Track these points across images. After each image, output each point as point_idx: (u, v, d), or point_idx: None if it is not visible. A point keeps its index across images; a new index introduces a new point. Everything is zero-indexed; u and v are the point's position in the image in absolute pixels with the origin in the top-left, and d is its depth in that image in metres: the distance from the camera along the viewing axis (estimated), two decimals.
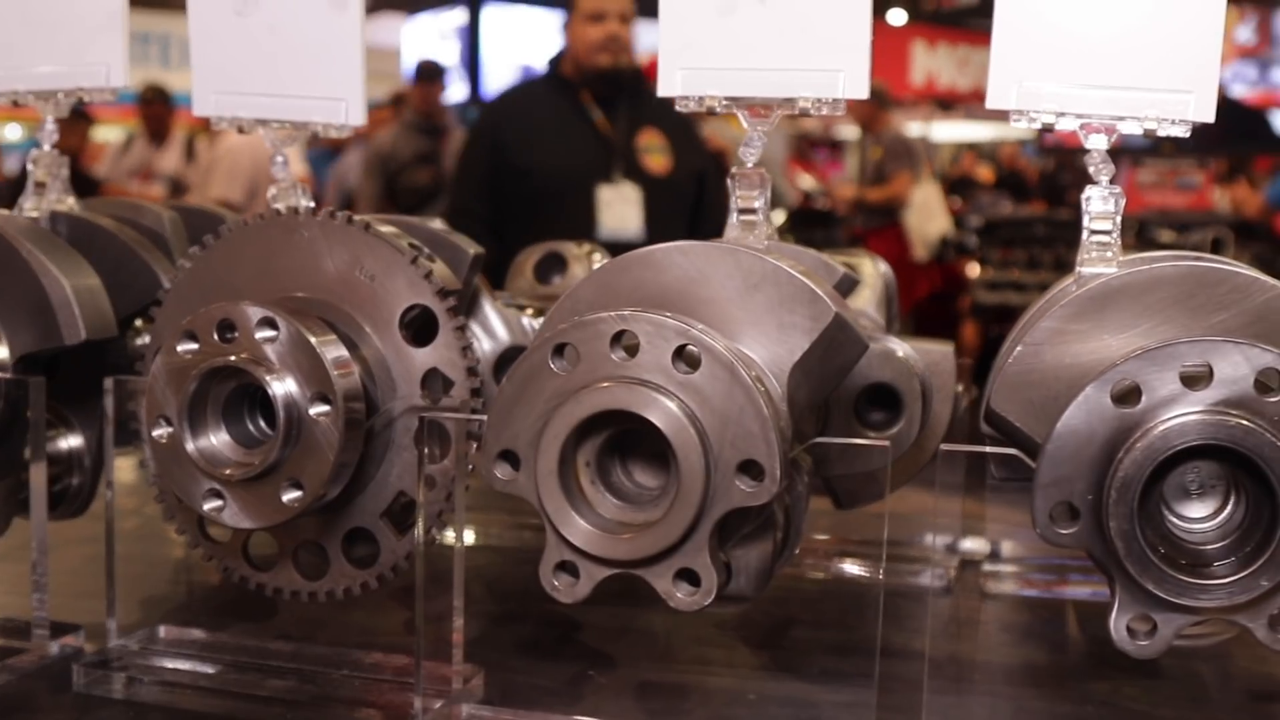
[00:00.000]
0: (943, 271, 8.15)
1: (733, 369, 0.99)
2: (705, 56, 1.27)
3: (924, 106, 15.30)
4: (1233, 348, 0.94)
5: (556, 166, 4.42)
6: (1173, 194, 7.01)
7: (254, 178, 7.01)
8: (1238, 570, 0.95)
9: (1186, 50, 1.19)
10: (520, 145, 4.44)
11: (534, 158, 4.41)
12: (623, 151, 4.47)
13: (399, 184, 7.26)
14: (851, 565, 1.64)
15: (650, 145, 4.55)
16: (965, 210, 9.04)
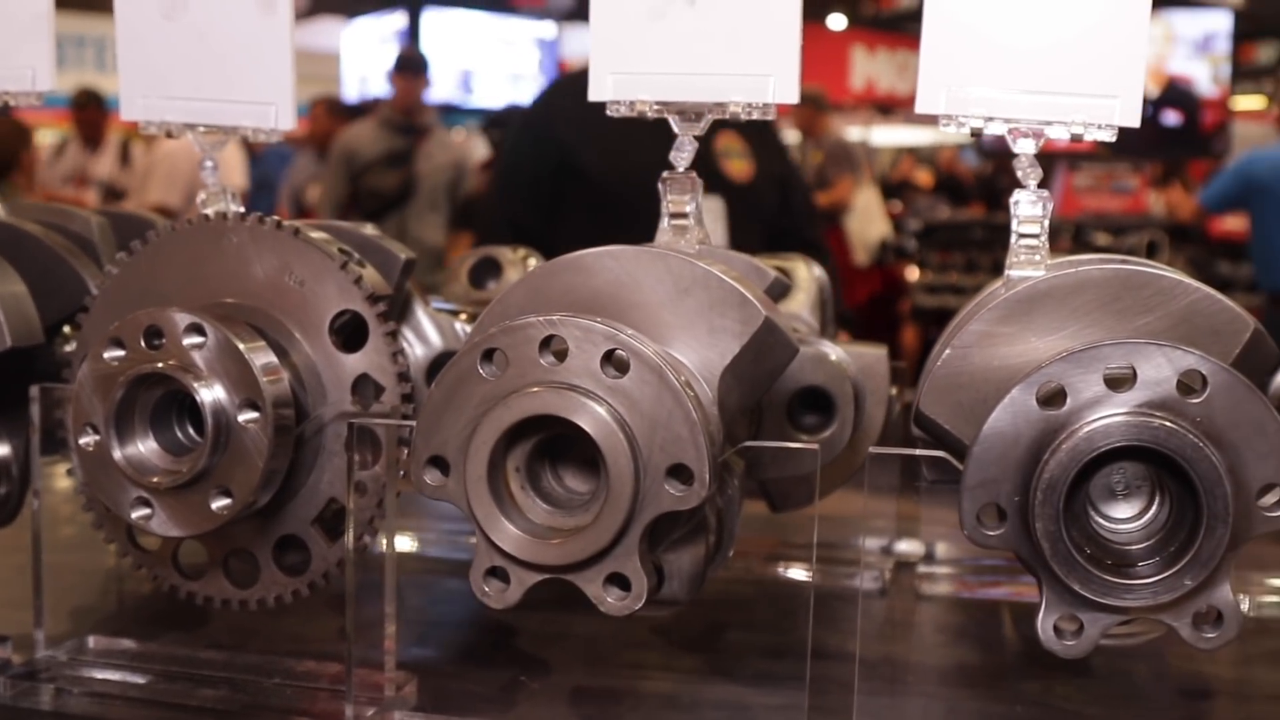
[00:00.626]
0: (882, 275, 8.20)
1: (661, 373, 0.99)
2: (636, 61, 1.27)
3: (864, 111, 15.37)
4: (1155, 350, 0.95)
5: (625, 173, 3.52)
6: (1109, 198, 7.07)
7: (192, 182, 6.83)
8: (1162, 570, 0.96)
9: (1112, 55, 1.20)
10: (581, 147, 3.73)
11: (599, 162, 3.71)
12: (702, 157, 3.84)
13: (363, 186, 6.77)
14: (786, 568, 1.64)
15: (730, 149, 3.93)
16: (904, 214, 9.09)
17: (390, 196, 6.71)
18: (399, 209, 6.71)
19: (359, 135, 6.95)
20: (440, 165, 6.88)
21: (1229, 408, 0.95)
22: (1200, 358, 0.95)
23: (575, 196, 3.74)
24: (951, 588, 1.64)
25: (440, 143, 7.18)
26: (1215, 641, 0.98)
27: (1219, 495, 0.93)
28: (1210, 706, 1.33)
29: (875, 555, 1.70)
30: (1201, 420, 0.94)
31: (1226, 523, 0.93)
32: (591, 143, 3.69)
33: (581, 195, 3.72)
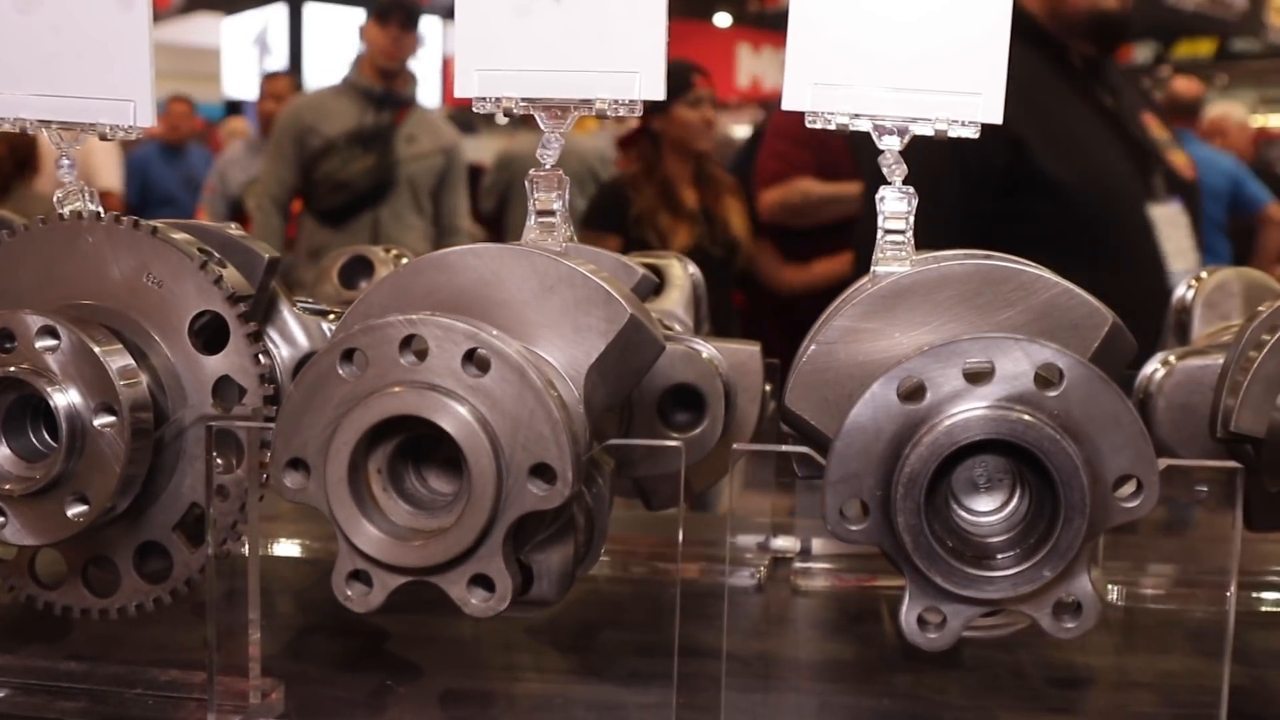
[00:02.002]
0: None
1: (523, 372, 0.98)
2: (501, 58, 1.26)
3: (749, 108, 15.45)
4: (1013, 344, 0.96)
5: (1093, 177, 2.93)
6: None
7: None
8: (1021, 561, 0.97)
9: (974, 52, 1.21)
10: (1045, 146, 2.88)
11: (1062, 166, 2.90)
12: (1154, 149, 3.07)
13: (320, 174, 5.19)
14: (660, 566, 1.64)
15: (1166, 138, 3.20)
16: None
17: (359, 191, 5.24)
18: (371, 206, 5.26)
19: (316, 106, 5.42)
20: (425, 151, 5.38)
21: (1085, 401, 0.96)
22: (1056, 351, 0.96)
23: (1030, 202, 2.91)
24: (828, 582, 1.64)
25: (424, 123, 5.49)
26: (1075, 631, 0.99)
27: (1076, 487, 0.94)
28: (1079, 695, 1.35)
29: (752, 551, 1.71)
30: (1058, 413, 0.96)
31: (1084, 514, 0.94)
32: (1055, 146, 2.89)
33: (1038, 202, 2.90)
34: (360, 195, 5.23)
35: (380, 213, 5.27)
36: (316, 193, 5.25)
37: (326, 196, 5.22)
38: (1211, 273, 1.74)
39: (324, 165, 5.21)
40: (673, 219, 4.62)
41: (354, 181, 5.22)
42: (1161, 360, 1.53)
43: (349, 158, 5.21)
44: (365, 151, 5.25)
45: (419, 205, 5.40)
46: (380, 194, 5.24)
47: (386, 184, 5.24)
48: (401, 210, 5.32)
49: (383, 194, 5.24)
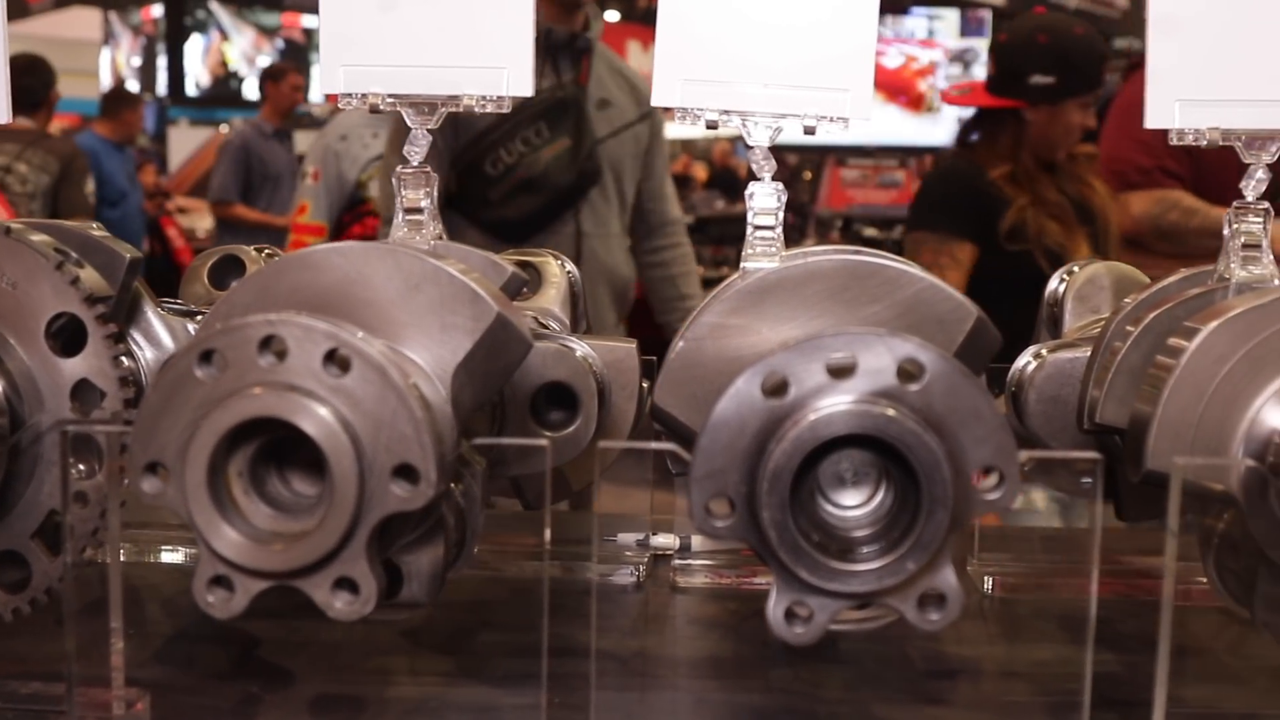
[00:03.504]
0: None
1: (385, 372, 0.96)
2: (367, 53, 1.24)
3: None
4: (875, 339, 0.96)
5: None
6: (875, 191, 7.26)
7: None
8: (885, 554, 0.97)
9: (842, 49, 1.22)
10: None
11: None
12: None
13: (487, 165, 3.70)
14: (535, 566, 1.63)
15: None
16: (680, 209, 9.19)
17: (555, 188, 3.74)
18: (569, 209, 3.82)
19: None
20: (626, 120, 3.93)
21: (947, 394, 0.96)
22: (918, 346, 0.96)
23: None
24: (708, 579, 1.64)
25: (615, 76, 4.00)
26: (939, 623, 1.00)
27: (938, 480, 0.95)
28: (953, 686, 1.36)
29: (631, 549, 1.70)
30: (921, 407, 0.96)
31: (946, 506, 0.95)
32: None
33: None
34: (558, 196, 3.76)
35: (581, 216, 3.83)
36: (483, 196, 3.72)
37: (504, 203, 3.70)
38: (1083, 266, 1.76)
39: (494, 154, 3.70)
40: (1068, 229, 3.75)
41: (545, 177, 3.72)
42: (1033, 353, 1.55)
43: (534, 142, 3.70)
44: (554, 131, 3.73)
45: (622, 201, 3.95)
46: (580, 191, 3.79)
47: (589, 175, 3.79)
48: (602, 211, 3.88)
49: (582, 190, 3.79)
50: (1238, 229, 1.24)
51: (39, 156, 5.99)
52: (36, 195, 5.94)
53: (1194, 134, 1.24)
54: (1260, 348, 1.10)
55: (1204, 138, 1.24)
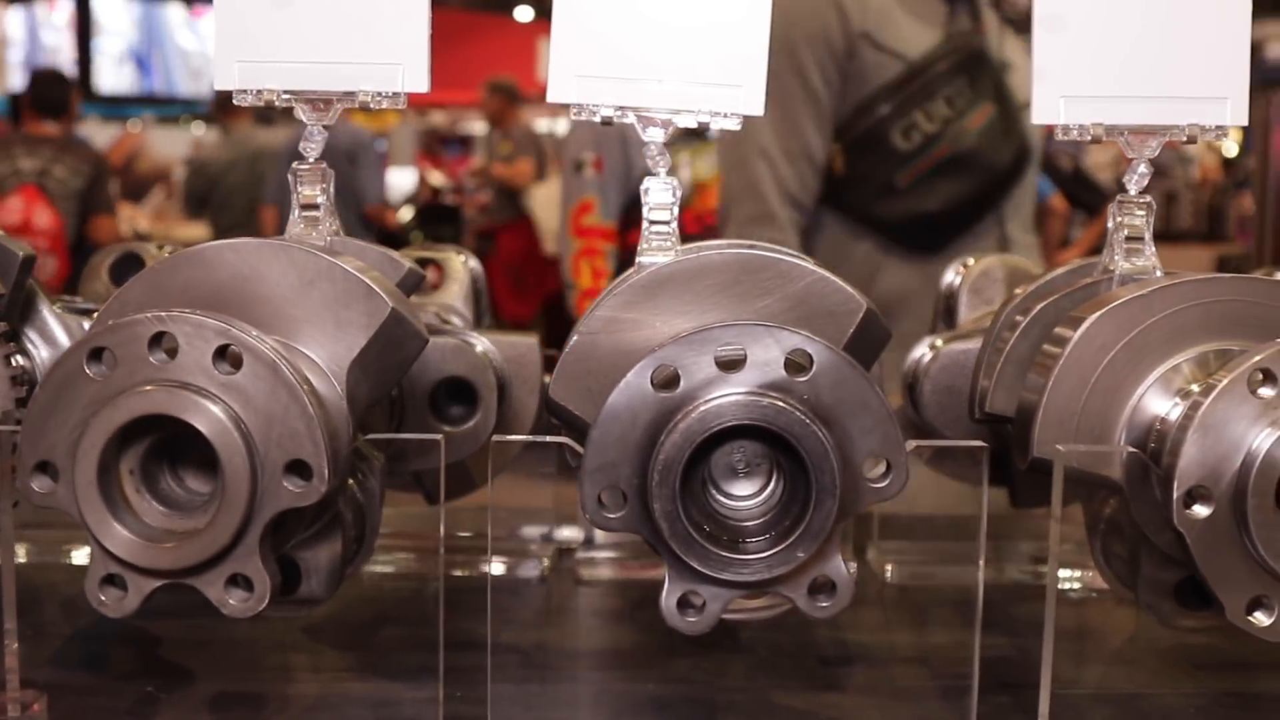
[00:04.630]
0: None
1: (276, 368, 0.96)
2: (262, 49, 1.24)
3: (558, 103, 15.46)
4: (764, 331, 0.98)
5: None
6: None
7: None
8: (775, 544, 0.98)
9: (735, 45, 1.23)
10: None
11: None
12: None
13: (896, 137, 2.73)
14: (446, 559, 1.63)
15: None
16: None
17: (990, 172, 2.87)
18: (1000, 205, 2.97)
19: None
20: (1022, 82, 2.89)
21: (834, 385, 0.98)
22: (806, 338, 0.98)
23: None
24: (612, 572, 1.66)
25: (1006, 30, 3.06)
26: (830, 610, 1.02)
27: (826, 470, 0.96)
28: (850, 672, 1.38)
29: (535, 543, 1.71)
30: (809, 398, 0.98)
31: (834, 496, 0.97)
32: None
33: None
34: (990, 182, 2.85)
35: (1006, 212, 2.90)
36: (886, 182, 2.81)
37: (918, 191, 2.79)
38: (978, 259, 1.79)
39: (908, 119, 2.75)
40: None
41: (976, 154, 2.81)
42: (929, 345, 1.58)
43: (958, 104, 2.77)
44: (975, 91, 2.80)
45: (1032, 194, 3.12)
46: (1014, 177, 2.90)
47: (1024, 153, 2.89)
48: (1025, 207, 3.02)
49: (1016, 176, 2.90)
50: (1121, 222, 1.26)
51: (73, 161, 6.27)
52: (70, 196, 6.18)
53: (1079, 129, 1.27)
54: (1141, 337, 1.13)
55: (1088, 133, 1.27)
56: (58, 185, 6.14)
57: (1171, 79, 1.27)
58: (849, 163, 2.81)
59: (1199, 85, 1.27)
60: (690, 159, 4.63)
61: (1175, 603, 1.17)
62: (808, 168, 2.82)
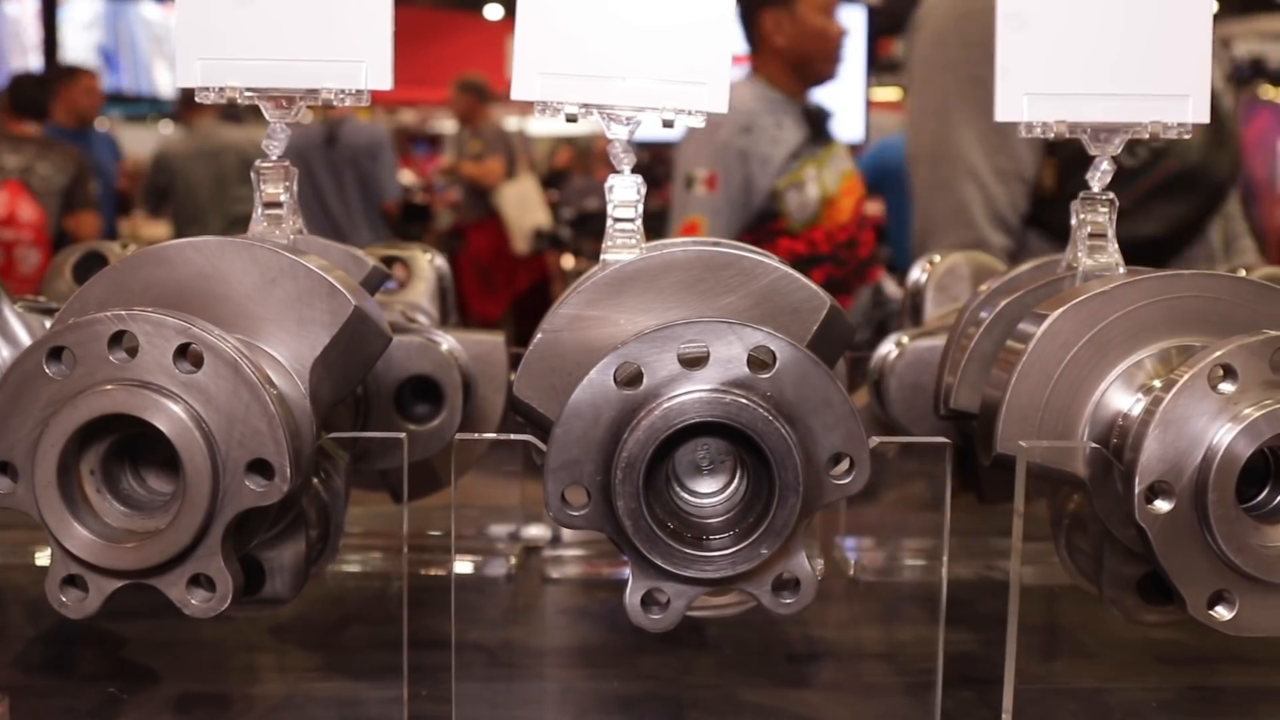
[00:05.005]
0: (544, 264, 8.26)
1: (237, 367, 0.96)
2: (225, 46, 1.23)
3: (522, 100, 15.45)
4: (726, 328, 0.98)
5: None
6: None
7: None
8: (739, 541, 0.98)
9: (700, 43, 1.23)
10: None
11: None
12: None
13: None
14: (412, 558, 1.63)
15: None
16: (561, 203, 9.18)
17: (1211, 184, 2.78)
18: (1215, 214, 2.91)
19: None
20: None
21: (797, 382, 0.98)
22: (768, 335, 0.98)
23: None
24: (579, 570, 1.66)
25: None
26: (793, 606, 1.02)
27: (789, 466, 0.96)
28: (816, 669, 1.38)
29: (503, 541, 1.71)
30: (772, 395, 0.98)
31: (798, 492, 0.97)
32: None
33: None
34: (1208, 201, 2.80)
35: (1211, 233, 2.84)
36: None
37: (1141, 211, 2.68)
38: (944, 256, 1.80)
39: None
40: None
41: (1200, 172, 2.75)
42: (895, 341, 1.59)
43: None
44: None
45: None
46: (1225, 195, 2.85)
47: (1235, 169, 2.86)
48: (1236, 221, 3.00)
49: (1226, 194, 2.86)
50: (1084, 219, 1.27)
51: (56, 158, 6.37)
52: (53, 193, 6.27)
53: (1042, 127, 1.27)
54: (1104, 333, 1.13)
55: (1051, 130, 1.27)
56: (41, 182, 6.22)
57: (1134, 76, 1.28)
58: (1061, 180, 2.69)
59: (1161, 83, 1.28)
60: (816, 171, 3.96)
61: (1138, 597, 1.18)
62: (1019, 186, 2.71)
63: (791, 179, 3.95)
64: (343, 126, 7.37)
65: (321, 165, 7.23)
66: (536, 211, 8.44)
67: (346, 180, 7.28)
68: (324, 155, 7.25)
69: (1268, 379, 1.03)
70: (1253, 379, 1.03)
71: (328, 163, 7.26)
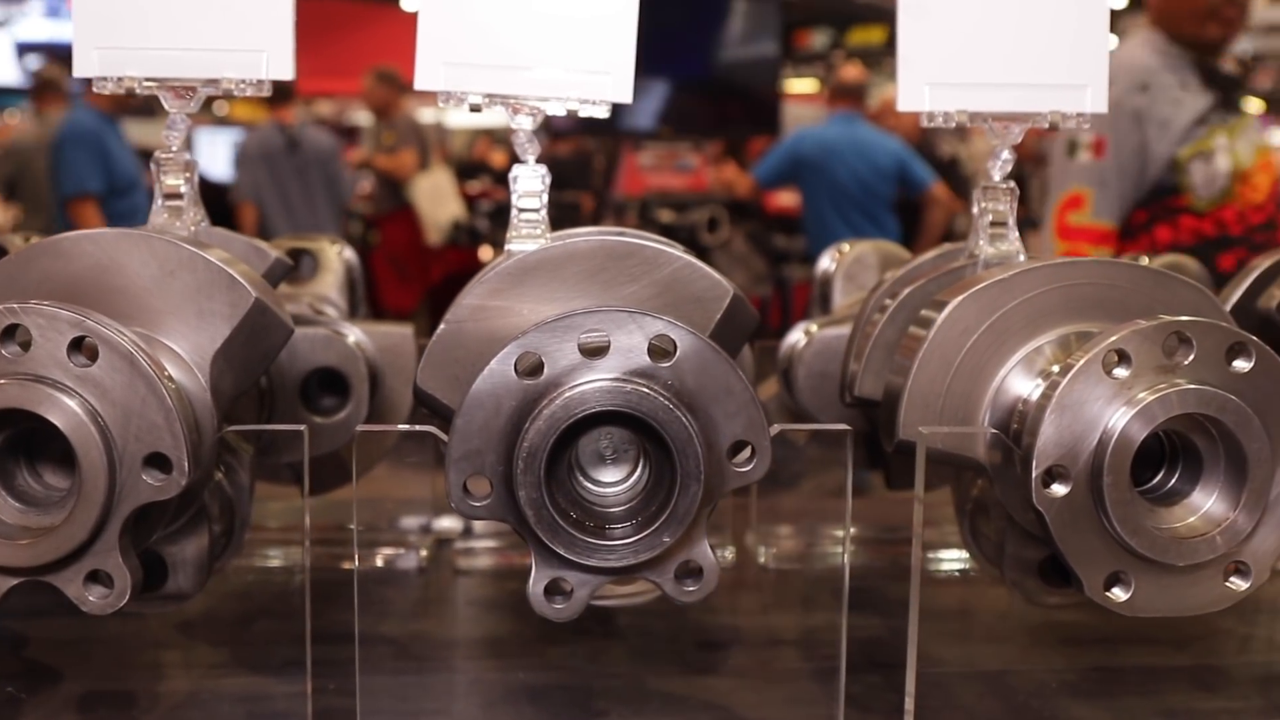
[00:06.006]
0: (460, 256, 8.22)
1: (133, 360, 0.95)
2: (124, 35, 1.22)
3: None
4: (627, 317, 0.98)
5: None
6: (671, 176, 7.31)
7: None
8: (641, 529, 0.99)
9: (604, 33, 1.23)
10: None
11: None
12: None
13: None
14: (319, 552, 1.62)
15: None
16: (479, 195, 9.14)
17: None
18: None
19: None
20: None
21: (698, 371, 0.98)
22: (669, 323, 0.98)
23: None
24: (491, 561, 1.65)
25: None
26: (696, 594, 1.02)
27: (690, 454, 0.97)
28: (726, 656, 1.39)
29: (414, 534, 1.70)
30: (673, 383, 0.98)
31: (699, 480, 0.97)
32: None
33: None
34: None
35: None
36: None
37: None
38: (852, 245, 1.81)
39: None
40: None
41: None
42: (803, 330, 1.60)
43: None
44: None
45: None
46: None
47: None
48: None
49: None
50: (985, 208, 1.28)
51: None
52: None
53: (943, 116, 1.29)
54: (1004, 320, 1.15)
55: (953, 120, 1.29)
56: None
57: (1033, 67, 1.30)
58: None
59: (1060, 73, 1.30)
60: (1228, 141, 3.53)
61: (1040, 580, 1.19)
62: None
63: (1197, 147, 3.54)
64: (303, 132, 7.59)
65: (287, 170, 7.44)
66: (451, 203, 8.40)
67: (312, 181, 7.49)
68: (288, 160, 7.45)
69: (1161, 363, 1.04)
70: (1147, 363, 1.04)
71: (293, 167, 7.46)
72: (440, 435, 1.02)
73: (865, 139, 6.21)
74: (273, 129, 7.63)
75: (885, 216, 6.16)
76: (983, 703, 1.24)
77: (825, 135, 6.31)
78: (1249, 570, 1.08)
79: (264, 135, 7.66)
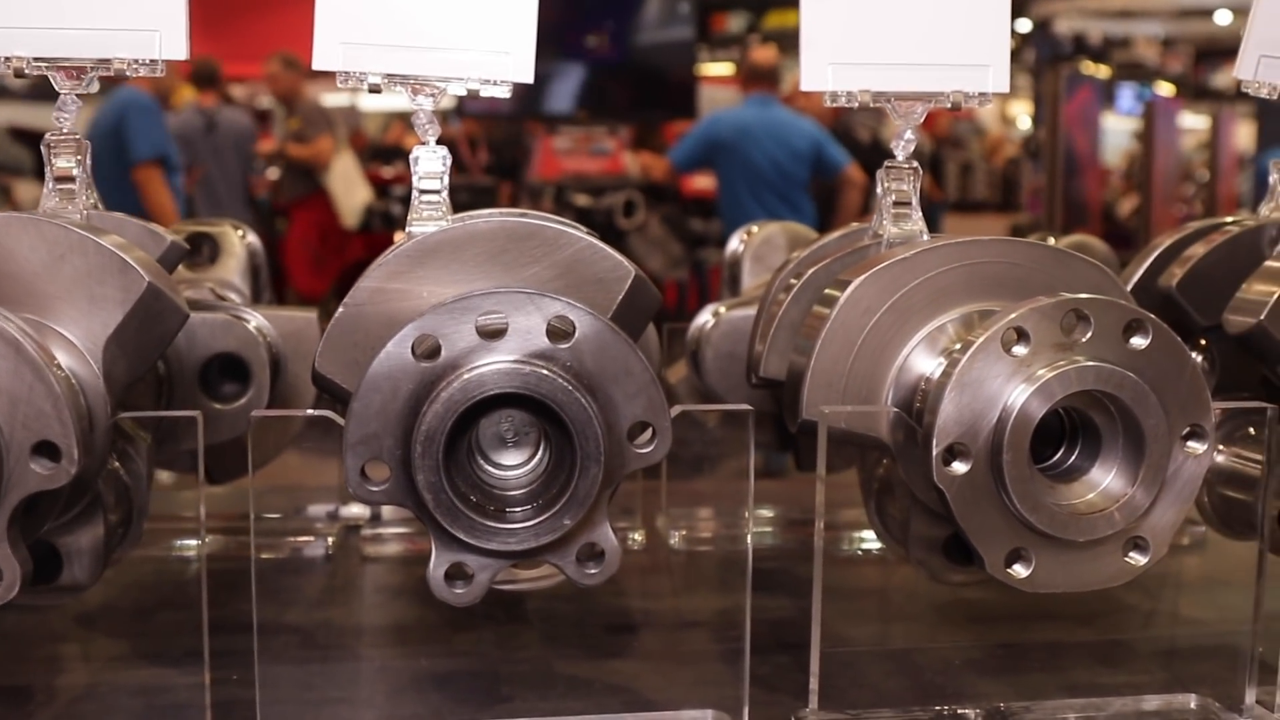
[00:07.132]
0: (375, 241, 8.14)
1: (19, 346, 0.93)
2: (11, 14, 1.19)
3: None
4: (524, 298, 0.97)
5: None
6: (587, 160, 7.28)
7: None
8: (542, 512, 0.98)
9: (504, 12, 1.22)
10: None
11: None
12: None
13: None
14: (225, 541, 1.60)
15: None
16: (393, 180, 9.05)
17: None
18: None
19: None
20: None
21: (597, 352, 0.98)
22: (567, 304, 0.97)
23: None
24: (399, 547, 1.64)
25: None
26: (598, 577, 1.02)
27: (590, 436, 0.96)
28: (635, 639, 1.39)
29: (321, 521, 1.69)
30: (572, 365, 0.97)
31: (599, 462, 0.97)
32: None
33: None
34: None
35: None
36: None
37: None
38: (761, 227, 1.82)
39: None
40: None
41: None
42: (712, 311, 1.60)
43: None
44: None
45: None
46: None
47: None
48: None
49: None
50: (889, 187, 1.29)
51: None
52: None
53: (846, 96, 1.29)
54: (906, 299, 1.15)
55: (855, 99, 1.29)
56: None
57: (936, 47, 1.30)
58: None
59: (962, 53, 1.30)
60: None
61: (944, 558, 1.20)
62: None
63: None
64: (219, 114, 7.72)
65: (205, 150, 7.60)
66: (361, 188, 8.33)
67: (228, 160, 7.69)
68: (206, 141, 7.61)
69: (1059, 341, 1.05)
70: (1045, 341, 1.05)
71: (210, 147, 7.63)
72: (338, 420, 1.00)
73: (780, 121, 6.21)
74: (193, 111, 7.72)
75: (801, 199, 6.17)
76: (889, 681, 1.25)
77: (740, 118, 6.31)
78: (1148, 545, 1.09)
79: (185, 118, 7.71)
